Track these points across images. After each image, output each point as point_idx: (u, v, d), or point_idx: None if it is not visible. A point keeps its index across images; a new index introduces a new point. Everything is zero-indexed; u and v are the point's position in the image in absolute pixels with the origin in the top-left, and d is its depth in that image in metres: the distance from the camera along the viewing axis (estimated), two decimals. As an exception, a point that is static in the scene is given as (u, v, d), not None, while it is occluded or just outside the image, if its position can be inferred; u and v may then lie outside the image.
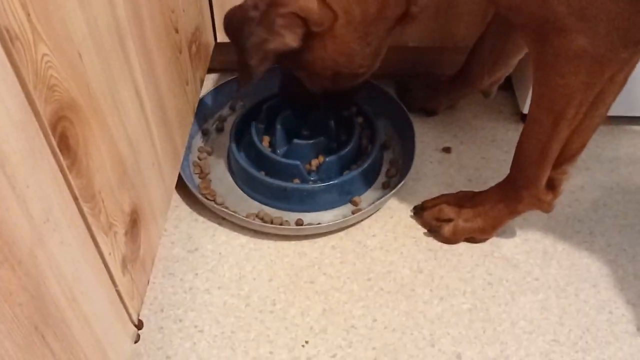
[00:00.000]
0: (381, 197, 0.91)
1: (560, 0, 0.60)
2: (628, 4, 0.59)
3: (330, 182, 0.91)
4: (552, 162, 0.76)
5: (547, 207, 0.81)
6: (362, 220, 0.92)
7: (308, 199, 0.92)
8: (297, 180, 0.92)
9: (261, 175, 0.92)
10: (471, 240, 0.88)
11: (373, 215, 0.93)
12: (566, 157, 0.76)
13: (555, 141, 0.73)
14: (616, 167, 1.00)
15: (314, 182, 0.92)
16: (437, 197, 0.92)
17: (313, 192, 0.91)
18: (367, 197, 0.95)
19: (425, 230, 0.90)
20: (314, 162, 0.94)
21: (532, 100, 0.73)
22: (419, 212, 0.92)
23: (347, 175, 0.92)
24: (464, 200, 0.88)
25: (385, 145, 1.02)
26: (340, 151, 0.93)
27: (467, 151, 1.03)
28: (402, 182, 0.92)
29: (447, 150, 1.02)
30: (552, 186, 0.79)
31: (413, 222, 0.92)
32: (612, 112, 1.05)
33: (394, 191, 0.91)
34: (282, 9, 0.73)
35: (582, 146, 0.75)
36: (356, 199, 0.93)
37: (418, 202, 0.94)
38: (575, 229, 0.91)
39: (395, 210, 0.94)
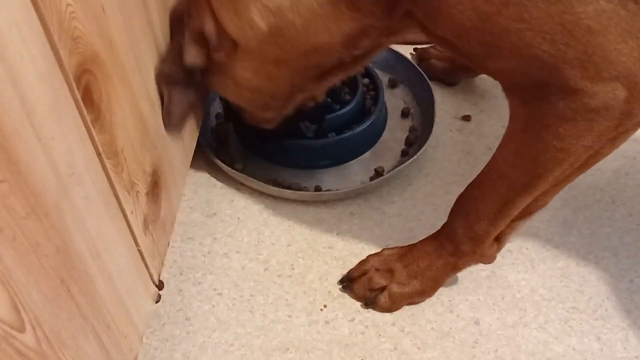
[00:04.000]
0: (400, 165, 0.90)
1: (573, 64, 0.51)
2: None
3: (331, 139, 0.90)
4: (508, 221, 0.66)
5: (489, 260, 0.73)
6: (380, 187, 0.91)
7: (307, 155, 0.91)
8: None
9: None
10: (412, 303, 0.78)
11: (391, 183, 0.92)
12: (525, 213, 0.66)
13: (522, 201, 0.63)
14: (639, 135, 0.98)
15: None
16: (363, 262, 0.80)
17: (311, 148, 0.91)
18: (385, 164, 0.94)
19: (445, 198, 0.89)
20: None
21: (500, 157, 0.63)
22: (347, 285, 0.79)
23: (345, 134, 0.91)
24: (392, 261, 0.78)
25: (405, 112, 1.01)
26: (339, 110, 0.92)
27: (487, 120, 1.01)
28: (422, 150, 0.92)
29: (466, 118, 1.01)
30: (498, 239, 0.71)
31: (432, 189, 0.91)
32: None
33: (412, 159, 0.91)
34: (191, 23, 0.66)
35: (547, 203, 0.66)
36: (378, 168, 0.93)
37: (437, 170, 0.93)
38: (597, 198, 0.90)
39: (414, 178, 0.93)
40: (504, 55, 0.53)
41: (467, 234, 0.70)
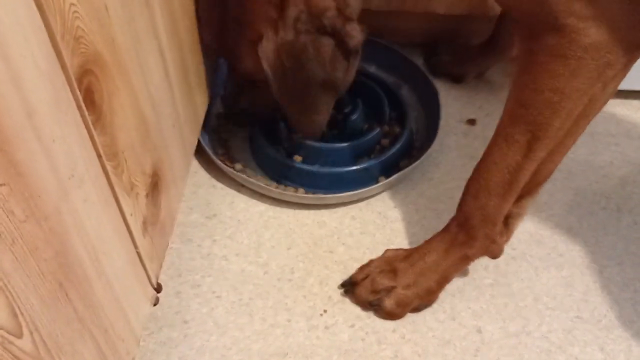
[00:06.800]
0: (403, 169, 0.89)
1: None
2: (629, 4, 0.54)
3: (353, 167, 0.89)
4: (518, 193, 0.66)
5: (497, 251, 0.73)
6: (383, 192, 0.90)
7: (329, 181, 0.90)
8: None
9: (285, 158, 0.90)
10: (416, 309, 0.77)
11: (394, 187, 0.91)
12: (530, 186, 0.66)
13: (528, 165, 0.63)
14: (645, 144, 0.98)
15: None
16: (365, 265, 0.79)
17: (334, 174, 0.89)
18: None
19: (448, 203, 0.88)
20: None
21: (505, 114, 0.64)
22: (349, 289, 0.78)
23: (368, 162, 0.89)
24: (397, 261, 0.77)
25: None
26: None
27: (493, 123, 0.97)
28: (425, 154, 0.90)
29: (471, 122, 1.00)
30: (506, 224, 0.70)
31: (435, 194, 0.90)
32: (643, 87, 1.02)
33: (416, 163, 0.90)
34: (332, 11, 0.68)
35: (549, 174, 0.67)
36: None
37: (440, 175, 0.92)
38: (602, 205, 0.89)
39: (417, 182, 0.92)
40: None
41: (479, 215, 0.69)
